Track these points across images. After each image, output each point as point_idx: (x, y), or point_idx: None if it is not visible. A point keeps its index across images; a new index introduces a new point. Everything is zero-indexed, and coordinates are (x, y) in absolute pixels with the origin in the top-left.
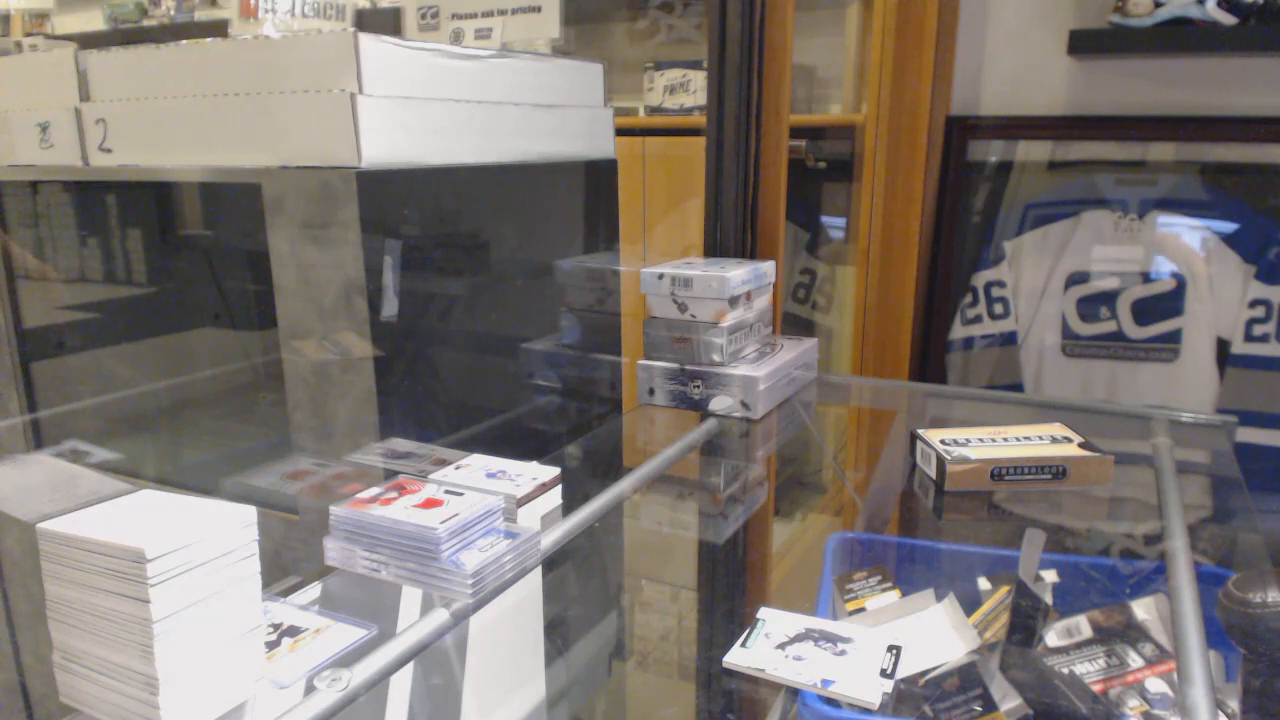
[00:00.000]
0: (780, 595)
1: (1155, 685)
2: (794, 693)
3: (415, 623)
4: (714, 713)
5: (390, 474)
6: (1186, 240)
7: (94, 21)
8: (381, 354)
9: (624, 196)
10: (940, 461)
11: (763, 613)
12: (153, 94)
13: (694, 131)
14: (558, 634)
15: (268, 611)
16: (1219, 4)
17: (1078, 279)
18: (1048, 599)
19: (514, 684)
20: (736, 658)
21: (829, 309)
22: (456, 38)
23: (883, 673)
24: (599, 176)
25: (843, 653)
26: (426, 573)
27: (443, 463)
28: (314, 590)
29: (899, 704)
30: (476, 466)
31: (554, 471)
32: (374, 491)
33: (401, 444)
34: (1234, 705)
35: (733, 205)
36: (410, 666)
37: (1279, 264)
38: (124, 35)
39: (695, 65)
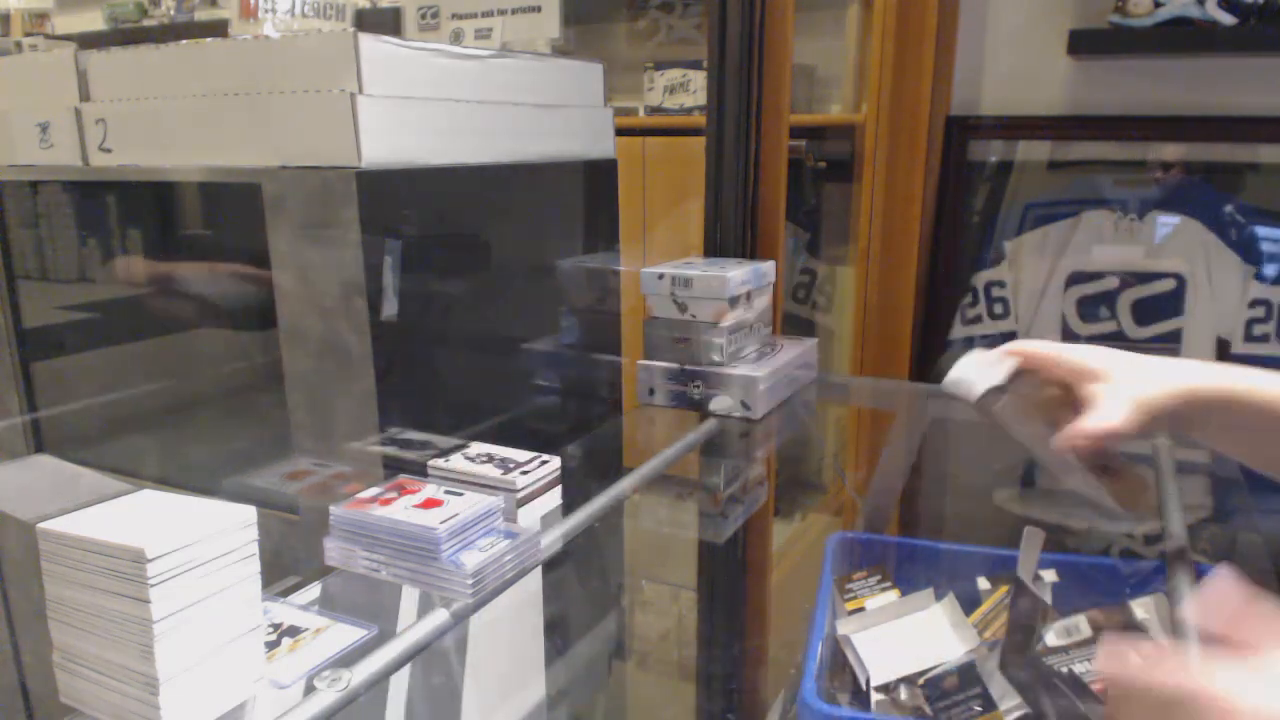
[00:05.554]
0: (780, 595)
1: None
2: (794, 693)
3: (415, 623)
4: (714, 713)
5: (390, 474)
6: (1186, 240)
7: (94, 21)
8: (381, 354)
9: (624, 196)
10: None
11: None
12: (153, 94)
13: (694, 131)
14: (558, 634)
15: (268, 611)
16: (1219, 4)
17: (1078, 279)
18: (1047, 599)
19: (514, 684)
20: None
21: (829, 309)
22: (456, 38)
23: None
24: (599, 176)
25: None
26: (426, 573)
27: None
28: (314, 590)
29: (898, 704)
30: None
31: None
32: (374, 491)
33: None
34: None
35: (733, 205)
36: (410, 666)
37: (1279, 264)
38: (124, 35)
39: (695, 65)
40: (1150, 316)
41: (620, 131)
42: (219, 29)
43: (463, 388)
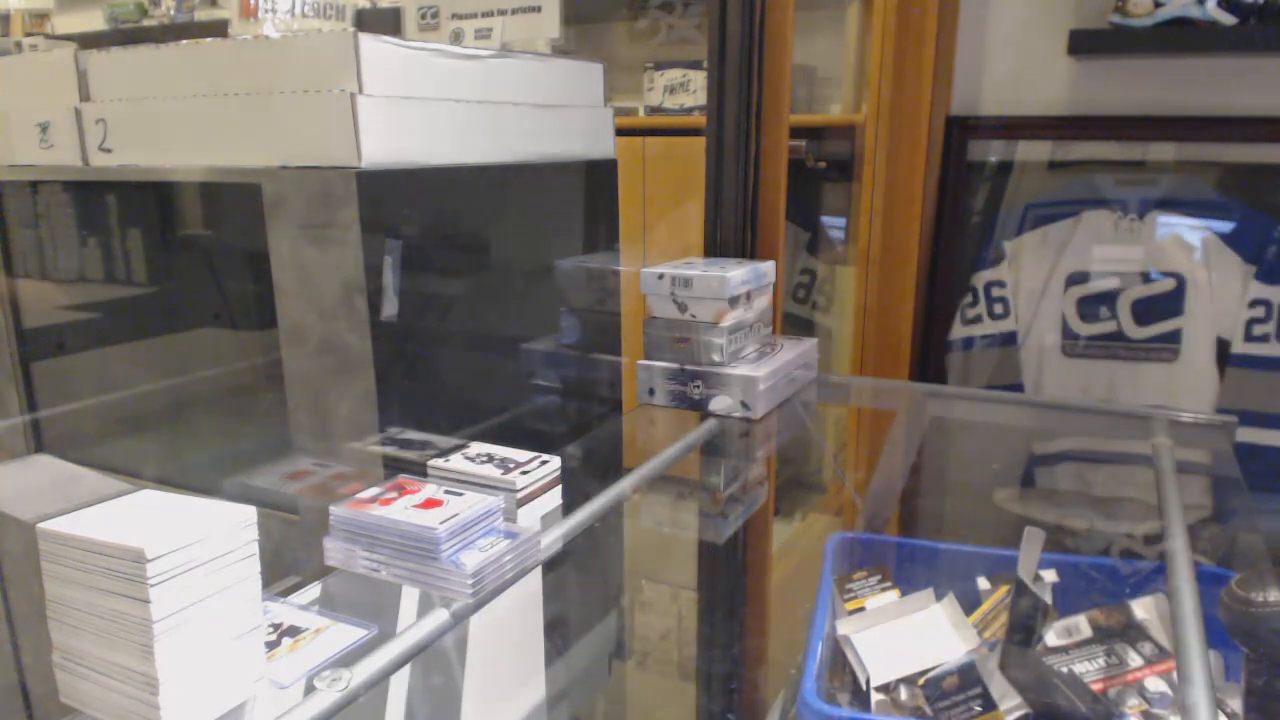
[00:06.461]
0: (780, 595)
1: (1155, 684)
2: (794, 692)
3: (415, 623)
4: (714, 713)
5: (390, 474)
6: (1186, 240)
7: (94, 21)
8: (381, 354)
9: (624, 196)
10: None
11: None
12: (153, 94)
13: (694, 131)
14: (558, 634)
15: (268, 611)
16: (1219, 4)
17: (1078, 279)
18: (1047, 599)
19: (514, 684)
20: None
21: (829, 309)
22: (456, 38)
23: None
24: (599, 176)
25: None
26: (426, 573)
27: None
28: (314, 590)
29: (898, 704)
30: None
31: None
32: (374, 491)
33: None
34: (1234, 705)
35: (733, 205)
36: (410, 666)
37: (1279, 264)
38: (124, 35)
39: (695, 65)
40: (1150, 316)
41: (620, 131)
42: (219, 29)
43: (463, 388)
